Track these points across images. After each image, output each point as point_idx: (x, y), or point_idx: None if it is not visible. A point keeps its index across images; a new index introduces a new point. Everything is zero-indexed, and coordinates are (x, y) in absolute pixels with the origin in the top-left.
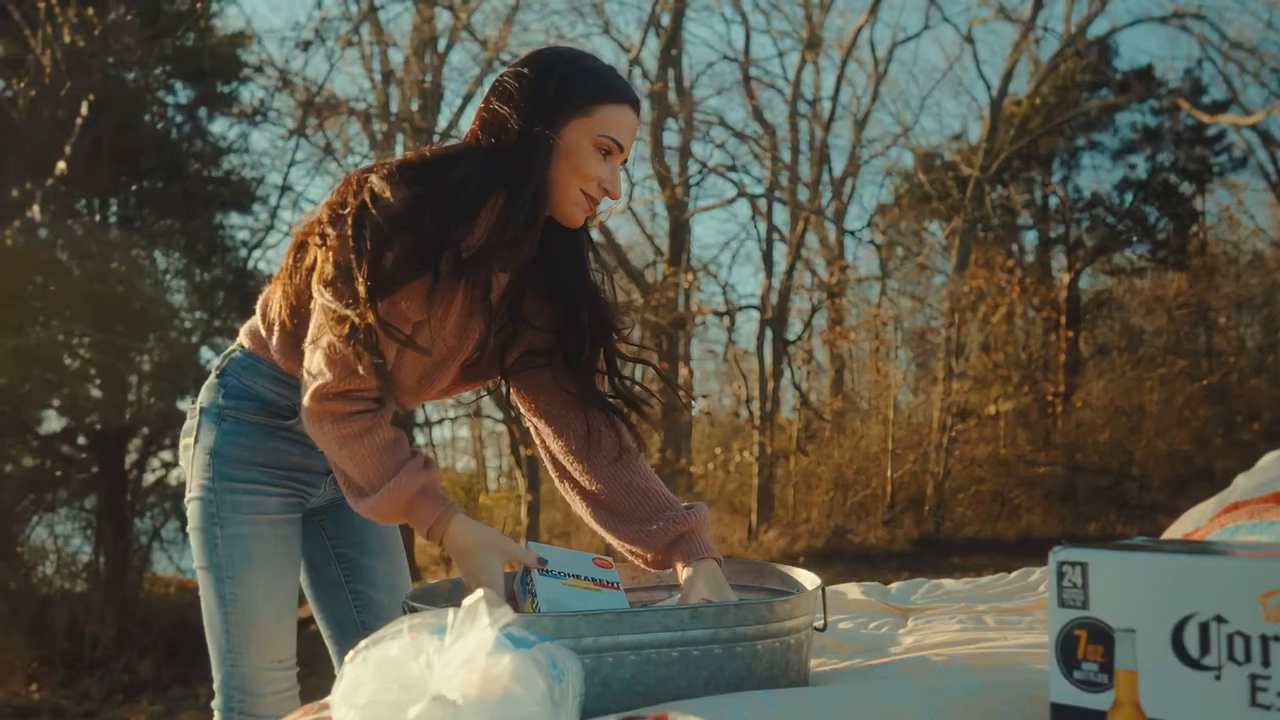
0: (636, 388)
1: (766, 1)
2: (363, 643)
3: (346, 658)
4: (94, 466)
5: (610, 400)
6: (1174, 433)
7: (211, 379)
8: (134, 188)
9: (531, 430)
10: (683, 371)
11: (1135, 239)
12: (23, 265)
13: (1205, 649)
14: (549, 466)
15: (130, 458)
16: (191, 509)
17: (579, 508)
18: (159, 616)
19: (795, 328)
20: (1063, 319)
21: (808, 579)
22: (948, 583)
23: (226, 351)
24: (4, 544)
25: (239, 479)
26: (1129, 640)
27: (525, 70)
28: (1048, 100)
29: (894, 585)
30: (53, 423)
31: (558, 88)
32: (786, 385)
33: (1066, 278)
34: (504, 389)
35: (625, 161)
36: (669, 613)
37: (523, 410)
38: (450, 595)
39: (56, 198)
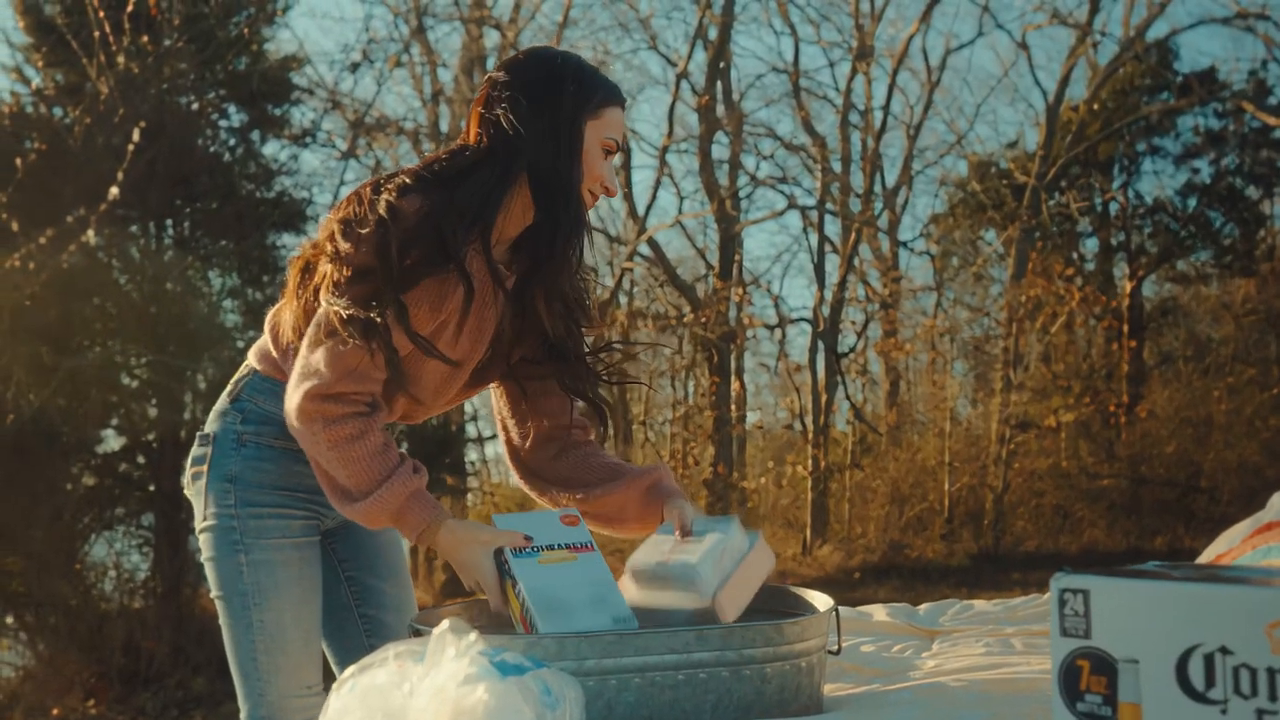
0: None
1: (816, 12)
2: (349, 670)
3: (334, 685)
4: (150, 485)
5: (589, 395)
6: (1243, 443)
7: (225, 404)
8: (188, 210)
9: (500, 427)
10: (734, 385)
11: (1200, 245)
12: (80, 288)
13: (1210, 682)
14: (512, 464)
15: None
16: (208, 537)
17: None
18: (213, 634)
19: (849, 340)
20: (1125, 327)
21: (821, 601)
22: (978, 603)
23: (238, 376)
24: (65, 561)
25: (263, 504)
26: (1132, 672)
27: (530, 74)
28: (1106, 105)
29: (923, 606)
30: (111, 442)
31: (574, 91)
32: (841, 398)
33: (1129, 285)
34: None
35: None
36: (674, 634)
37: (500, 408)
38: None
39: (113, 221)
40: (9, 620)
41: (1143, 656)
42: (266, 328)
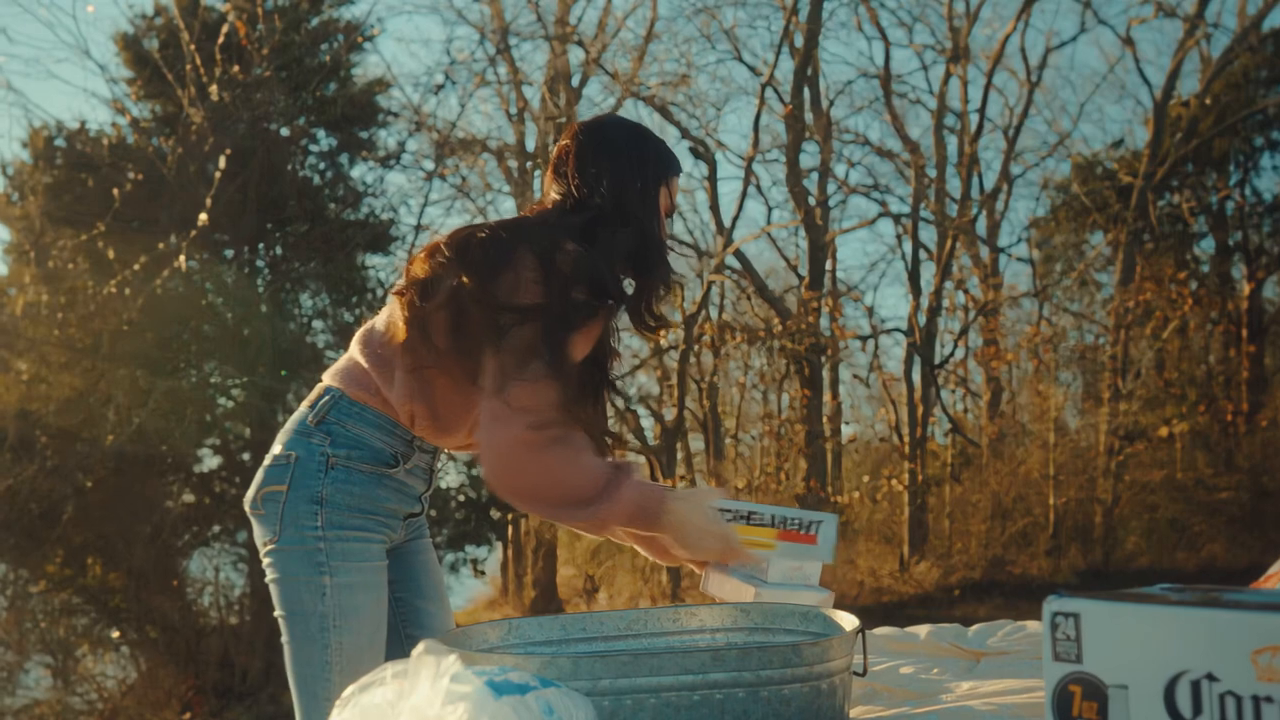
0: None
1: (908, 15)
2: (350, 689)
3: (336, 703)
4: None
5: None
6: None
7: (307, 426)
8: (278, 234)
9: None
10: (827, 398)
11: None
12: (176, 312)
13: (1198, 709)
14: None
15: None
16: (285, 558)
17: None
18: None
19: (947, 349)
20: (1244, 332)
21: (848, 621)
22: (1030, 624)
23: (320, 400)
24: (164, 577)
25: (350, 526)
26: (1122, 698)
27: (619, 139)
28: (1220, 99)
29: (973, 628)
30: (208, 461)
31: (655, 159)
32: (938, 410)
33: (1248, 288)
34: None
35: None
36: (689, 654)
37: None
38: (475, 638)
39: (207, 246)
40: (113, 634)
41: (1132, 682)
42: (358, 350)
